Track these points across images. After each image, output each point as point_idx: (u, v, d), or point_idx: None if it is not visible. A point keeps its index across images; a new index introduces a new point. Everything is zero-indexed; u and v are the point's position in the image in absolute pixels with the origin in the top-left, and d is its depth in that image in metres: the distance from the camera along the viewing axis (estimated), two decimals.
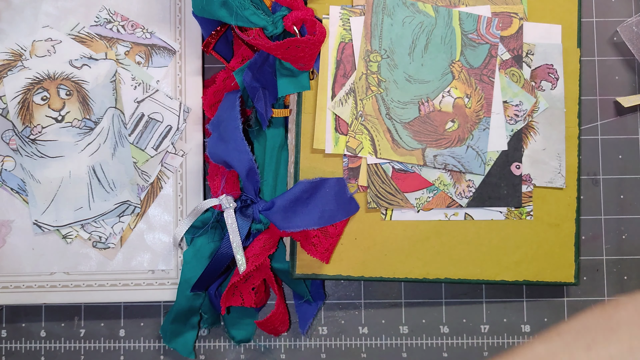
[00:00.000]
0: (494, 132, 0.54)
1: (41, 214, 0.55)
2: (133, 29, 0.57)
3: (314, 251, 0.51)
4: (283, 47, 0.50)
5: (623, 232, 0.59)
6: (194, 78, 0.57)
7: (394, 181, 0.53)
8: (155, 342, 0.58)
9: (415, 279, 0.54)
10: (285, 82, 0.53)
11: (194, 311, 0.55)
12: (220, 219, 0.53)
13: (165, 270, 0.56)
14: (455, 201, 0.54)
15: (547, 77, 0.55)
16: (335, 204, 0.51)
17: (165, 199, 0.56)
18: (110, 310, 0.58)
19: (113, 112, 0.56)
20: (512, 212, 0.54)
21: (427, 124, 0.53)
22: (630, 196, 0.59)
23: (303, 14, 0.51)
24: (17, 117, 0.55)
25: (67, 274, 0.56)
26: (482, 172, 0.54)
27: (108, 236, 0.56)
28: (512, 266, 0.54)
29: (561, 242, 0.55)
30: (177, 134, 0.56)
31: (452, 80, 0.54)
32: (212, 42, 0.54)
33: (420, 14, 0.54)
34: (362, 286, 0.58)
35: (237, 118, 0.51)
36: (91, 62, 0.56)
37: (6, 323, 0.58)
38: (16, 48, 0.56)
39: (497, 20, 0.54)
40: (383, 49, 0.53)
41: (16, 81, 0.55)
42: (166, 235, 0.56)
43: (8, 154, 0.56)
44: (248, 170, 0.51)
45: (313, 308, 0.56)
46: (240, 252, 0.51)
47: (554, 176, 0.55)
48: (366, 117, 0.53)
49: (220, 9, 0.51)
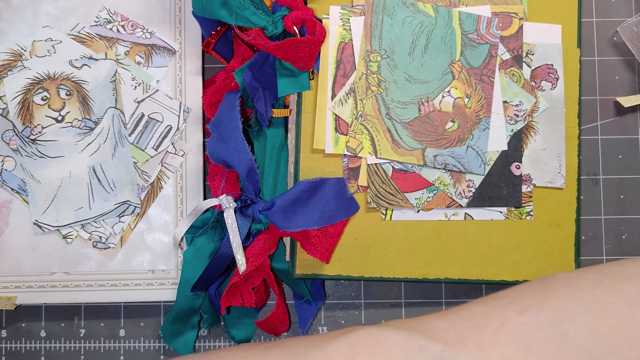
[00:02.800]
0: (494, 132, 0.54)
1: (41, 214, 0.55)
2: (133, 29, 0.57)
3: (314, 251, 0.51)
4: (283, 47, 0.50)
5: (623, 232, 0.59)
6: (194, 78, 0.57)
7: (394, 181, 0.53)
8: (155, 342, 0.58)
9: (415, 279, 0.54)
10: (285, 82, 0.53)
11: (194, 311, 0.55)
12: (220, 219, 0.53)
13: (165, 270, 0.56)
14: (455, 201, 0.54)
15: (547, 77, 0.55)
16: (335, 204, 0.51)
17: (166, 199, 0.56)
18: (110, 310, 0.58)
19: (113, 112, 0.56)
20: (512, 212, 0.54)
21: (427, 124, 0.53)
22: (630, 196, 0.59)
23: (303, 14, 0.51)
24: (17, 117, 0.55)
25: (67, 274, 0.56)
26: (482, 172, 0.54)
27: (108, 236, 0.56)
28: (512, 266, 0.54)
29: (561, 242, 0.55)
30: (177, 134, 0.56)
31: (452, 80, 0.54)
32: (212, 42, 0.54)
33: (420, 14, 0.54)
34: (362, 286, 0.58)
35: (237, 118, 0.51)
36: (91, 62, 0.56)
37: (6, 323, 0.58)
38: (16, 48, 0.56)
39: (497, 20, 0.54)
40: (383, 49, 0.53)
41: (16, 81, 0.55)
42: (166, 235, 0.56)
43: (8, 154, 0.56)
44: (248, 170, 0.51)
45: (313, 308, 0.56)
46: (240, 252, 0.51)
47: (554, 176, 0.55)
48: (366, 117, 0.53)
49: (220, 9, 0.51)
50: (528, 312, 0.37)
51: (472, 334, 0.37)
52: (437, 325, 0.38)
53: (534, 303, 0.37)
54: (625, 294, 0.36)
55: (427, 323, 0.38)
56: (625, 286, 0.36)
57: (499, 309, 0.38)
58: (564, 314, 0.36)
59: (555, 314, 0.36)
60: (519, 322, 0.36)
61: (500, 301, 0.39)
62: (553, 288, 0.38)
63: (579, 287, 0.37)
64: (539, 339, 0.35)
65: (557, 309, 0.36)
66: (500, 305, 0.38)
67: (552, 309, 0.37)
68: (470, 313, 0.38)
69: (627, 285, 0.36)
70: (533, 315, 0.37)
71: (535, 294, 0.38)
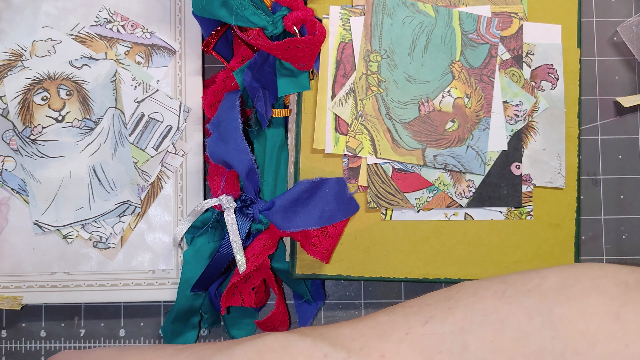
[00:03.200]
0: (494, 132, 0.54)
1: (42, 214, 0.55)
2: (133, 29, 0.57)
3: (314, 251, 0.51)
4: (283, 47, 0.50)
5: (623, 232, 0.59)
6: (194, 78, 0.57)
7: (394, 181, 0.53)
8: (155, 342, 0.58)
9: (415, 279, 0.54)
10: (285, 82, 0.53)
11: (194, 311, 0.55)
12: (220, 219, 0.53)
13: (165, 270, 0.56)
14: (455, 201, 0.54)
15: (547, 77, 0.55)
16: (335, 204, 0.51)
17: (166, 199, 0.56)
18: (110, 310, 0.58)
19: (113, 112, 0.56)
20: (512, 212, 0.54)
21: (427, 124, 0.54)
22: (630, 196, 0.59)
23: (303, 14, 0.51)
24: (17, 117, 0.55)
25: (68, 274, 0.56)
26: (482, 172, 0.54)
27: (108, 236, 0.56)
28: (512, 266, 0.54)
29: (561, 242, 0.55)
30: (177, 134, 0.56)
31: (452, 80, 0.54)
32: (212, 42, 0.54)
33: (420, 14, 0.54)
34: (362, 286, 0.58)
35: (237, 118, 0.51)
36: (91, 62, 0.56)
37: (6, 323, 0.58)
38: (16, 48, 0.56)
39: (497, 20, 0.54)
40: (383, 49, 0.53)
41: (16, 81, 0.55)
42: (166, 235, 0.56)
43: (8, 154, 0.56)
44: (248, 170, 0.51)
45: (313, 308, 0.56)
46: (240, 252, 0.51)
47: (554, 176, 0.55)
48: (366, 117, 0.53)
49: (220, 9, 0.51)
50: (432, 322, 0.37)
51: (377, 343, 0.37)
52: (344, 333, 0.38)
53: (438, 313, 0.38)
54: (525, 306, 0.36)
55: (335, 330, 0.39)
56: (525, 298, 0.36)
57: (405, 319, 0.38)
58: (466, 325, 0.36)
59: (457, 325, 0.36)
60: (423, 333, 0.37)
61: (407, 310, 0.39)
62: (458, 298, 0.38)
63: (482, 297, 0.37)
64: (440, 350, 0.36)
65: (460, 320, 0.37)
66: (407, 315, 0.38)
67: (454, 320, 0.37)
68: (378, 322, 0.39)
69: (528, 297, 0.36)
70: (437, 325, 0.37)
71: (441, 304, 0.38)
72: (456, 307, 0.37)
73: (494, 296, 0.37)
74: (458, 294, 0.39)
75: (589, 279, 0.36)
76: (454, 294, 0.39)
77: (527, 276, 0.38)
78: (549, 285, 0.37)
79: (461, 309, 0.37)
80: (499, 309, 0.36)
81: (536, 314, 0.35)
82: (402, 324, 0.38)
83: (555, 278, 0.37)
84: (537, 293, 0.36)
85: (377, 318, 0.39)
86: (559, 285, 0.36)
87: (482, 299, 0.37)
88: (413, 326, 0.37)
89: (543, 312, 0.35)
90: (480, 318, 0.36)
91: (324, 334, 0.38)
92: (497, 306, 0.36)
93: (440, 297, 0.39)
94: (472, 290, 0.39)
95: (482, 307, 0.37)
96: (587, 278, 0.36)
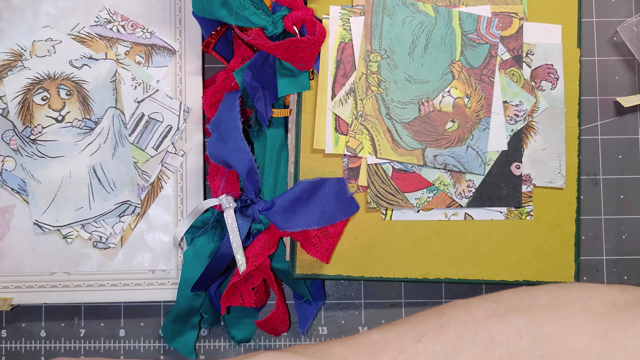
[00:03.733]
0: (494, 132, 0.54)
1: (42, 214, 0.55)
2: (133, 29, 0.57)
3: (314, 251, 0.51)
4: (283, 47, 0.50)
5: (623, 232, 0.59)
6: (194, 78, 0.57)
7: (394, 181, 0.53)
8: (156, 342, 0.58)
9: (415, 279, 0.54)
10: (285, 82, 0.53)
11: (194, 311, 0.55)
12: (220, 219, 0.53)
13: (165, 270, 0.56)
14: (455, 201, 0.54)
15: (547, 77, 0.55)
16: (335, 204, 0.51)
17: (166, 199, 0.56)
18: (110, 310, 0.58)
19: (113, 112, 0.56)
20: (512, 212, 0.54)
21: (427, 124, 0.54)
22: (630, 196, 0.59)
23: (303, 14, 0.51)
24: (17, 117, 0.55)
25: (68, 273, 0.56)
26: (482, 172, 0.54)
27: (108, 236, 0.56)
28: (512, 266, 0.54)
29: (561, 242, 0.55)
30: (177, 134, 0.56)
31: (452, 80, 0.54)
32: (212, 42, 0.54)
33: (420, 14, 0.54)
34: (362, 286, 0.58)
35: (237, 118, 0.51)
36: (91, 62, 0.56)
37: (6, 323, 0.58)
38: (16, 48, 0.56)
39: (497, 20, 0.54)
40: (383, 49, 0.53)
41: (16, 81, 0.55)
42: (166, 235, 0.56)
43: (8, 154, 0.56)
44: (248, 170, 0.51)
45: (313, 308, 0.56)
46: (240, 252, 0.51)
47: (554, 176, 0.55)
48: (366, 117, 0.53)
49: (220, 9, 0.51)
50: (424, 340, 0.37)
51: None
52: (336, 352, 0.38)
53: (430, 332, 0.38)
54: (515, 325, 0.36)
55: (327, 349, 0.39)
56: (516, 317, 0.37)
57: (398, 337, 0.38)
58: (457, 344, 0.37)
59: (449, 343, 0.37)
60: (415, 352, 0.37)
61: (400, 328, 0.39)
62: (450, 316, 0.39)
63: (474, 316, 0.38)
64: None
65: (451, 339, 0.37)
66: (400, 333, 0.39)
67: (446, 338, 0.37)
68: (371, 340, 0.39)
69: (518, 315, 0.37)
70: (429, 344, 0.37)
71: (433, 322, 0.39)
72: (448, 325, 0.38)
73: (485, 314, 0.38)
74: (450, 312, 0.39)
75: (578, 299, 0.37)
76: (446, 311, 0.39)
77: (518, 295, 0.39)
78: (539, 305, 0.37)
79: (453, 327, 0.38)
80: (490, 327, 0.37)
81: (526, 332, 0.36)
82: (394, 342, 0.38)
83: (546, 297, 0.38)
84: (528, 312, 0.37)
85: (370, 336, 0.39)
86: (549, 304, 0.37)
87: (474, 317, 0.38)
88: (405, 345, 0.37)
89: (532, 331, 0.36)
90: (471, 337, 0.37)
91: (316, 353, 0.38)
92: (487, 325, 0.37)
93: (433, 314, 0.40)
94: (464, 308, 0.39)
95: (474, 325, 0.37)
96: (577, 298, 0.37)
